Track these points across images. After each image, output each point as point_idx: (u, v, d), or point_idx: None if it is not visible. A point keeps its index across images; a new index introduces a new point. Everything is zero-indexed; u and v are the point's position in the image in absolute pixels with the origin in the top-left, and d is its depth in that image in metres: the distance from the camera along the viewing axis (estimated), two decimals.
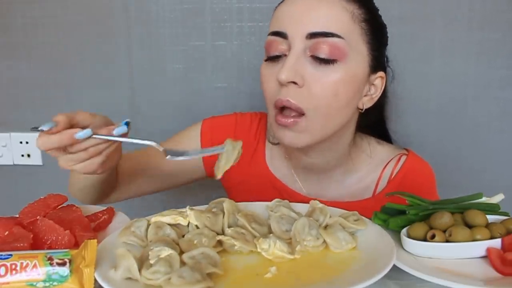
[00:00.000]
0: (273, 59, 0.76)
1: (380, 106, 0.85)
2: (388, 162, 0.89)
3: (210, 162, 0.91)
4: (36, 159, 1.31)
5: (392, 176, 0.87)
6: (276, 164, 0.91)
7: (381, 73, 0.80)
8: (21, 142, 1.30)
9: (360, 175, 0.88)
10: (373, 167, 0.89)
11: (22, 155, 1.31)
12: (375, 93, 0.81)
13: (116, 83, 1.25)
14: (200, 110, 1.25)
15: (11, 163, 1.32)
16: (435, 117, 1.21)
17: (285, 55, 0.75)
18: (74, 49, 1.24)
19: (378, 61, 0.79)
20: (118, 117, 1.27)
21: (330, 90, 0.73)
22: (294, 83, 0.73)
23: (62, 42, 1.24)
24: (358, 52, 0.75)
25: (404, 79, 1.19)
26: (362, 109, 0.80)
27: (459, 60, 1.18)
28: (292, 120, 0.74)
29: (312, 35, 0.72)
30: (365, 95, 0.80)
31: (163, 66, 1.23)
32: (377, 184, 0.88)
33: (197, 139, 0.92)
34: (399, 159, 0.89)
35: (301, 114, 0.74)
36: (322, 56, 0.72)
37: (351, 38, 0.74)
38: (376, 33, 0.78)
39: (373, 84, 0.80)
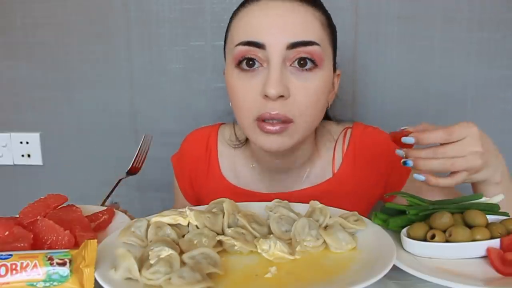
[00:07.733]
0: (247, 69, 0.75)
1: None
2: (338, 139, 0.91)
3: (189, 197, 1.00)
4: (36, 159, 1.31)
5: (344, 151, 0.89)
6: (238, 171, 0.93)
7: (338, 71, 0.85)
8: (21, 142, 1.30)
9: (320, 160, 0.91)
10: (326, 147, 0.91)
11: (22, 155, 1.31)
12: (335, 89, 0.85)
13: (116, 83, 1.25)
14: (200, 110, 1.24)
15: (11, 163, 1.32)
16: (434, 117, 1.21)
17: (262, 66, 0.74)
18: (74, 49, 1.24)
19: (335, 61, 0.83)
20: (118, 117, 1.28)
21: (313, 97, 0.75)
22: (281, 96, 0.72)
23: (62, 42, 1.24)
24: (328, 56, 0.77)
25: (404, 79, 1.20)
26: (329, 106, 0.84)
27: (459, 60, 1.17)
28: (279, 127, 0.73)
29: (293, 45, 0.72)
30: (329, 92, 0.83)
31: (163, 66, 1.23)
32: (333, 163, 0.89)
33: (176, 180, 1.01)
34: (346, 133, 0.91)
35: (289, 121, 0.74)
36: (303, 65, 0.73)
37: (324, 44, 0.76)
38: (334, 35, 0.81)
39: (333, 82, 0.83)
